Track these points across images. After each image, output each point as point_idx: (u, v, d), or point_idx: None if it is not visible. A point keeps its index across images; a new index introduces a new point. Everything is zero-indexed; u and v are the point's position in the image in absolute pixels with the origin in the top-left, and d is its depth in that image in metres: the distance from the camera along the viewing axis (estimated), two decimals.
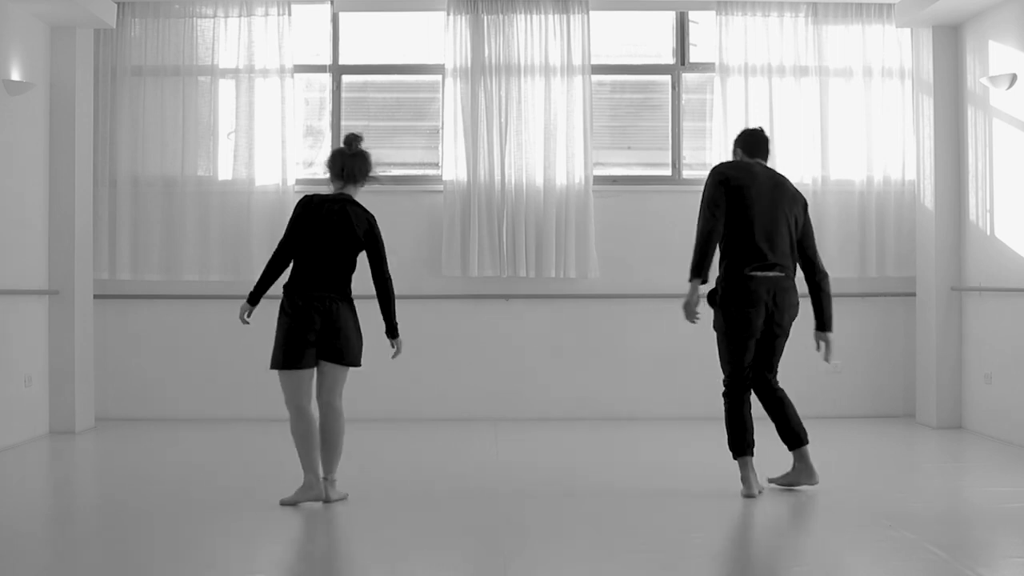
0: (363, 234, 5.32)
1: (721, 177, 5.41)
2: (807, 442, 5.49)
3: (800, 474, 5.48)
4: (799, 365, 8.16)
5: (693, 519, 4.98)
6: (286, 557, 4.53)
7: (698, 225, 5.38)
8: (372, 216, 5.39)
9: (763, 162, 5.62)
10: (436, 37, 8.29)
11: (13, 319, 7.12)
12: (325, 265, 5.27)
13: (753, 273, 5.34)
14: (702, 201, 5.41)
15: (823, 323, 5.62)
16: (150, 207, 8.07)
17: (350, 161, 5.37)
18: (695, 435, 7.47)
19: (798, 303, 5.52)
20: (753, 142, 5.65)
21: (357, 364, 5.31)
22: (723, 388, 5.47)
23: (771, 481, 5.53)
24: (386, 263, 5.39)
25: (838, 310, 8.21)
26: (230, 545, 4.61)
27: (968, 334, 7.70)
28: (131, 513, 5.06)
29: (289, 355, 5.17)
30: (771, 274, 5.39)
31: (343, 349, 5.23)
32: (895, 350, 8.27)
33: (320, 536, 4.85)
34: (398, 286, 8.13)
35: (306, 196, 5.41)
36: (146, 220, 8.08)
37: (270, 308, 5.30)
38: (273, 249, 5.44)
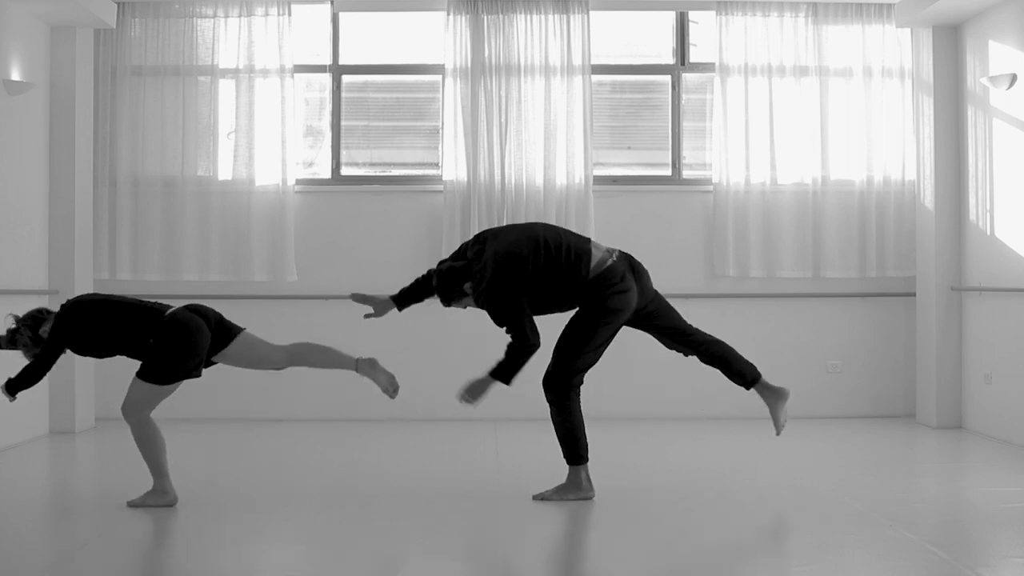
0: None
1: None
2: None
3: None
4: (799, 365, 8.20)
5: (693, 518, 4.98)
6: (285, 558, 4.53)
7: None
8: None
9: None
10: (436, 37, 8.29)
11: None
12: None
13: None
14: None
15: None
16: (150, 207, 8.07)
17: None
18: (694, 435, 7.47)
19: None
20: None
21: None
22: (695, 331, 5.44)
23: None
24: None
25: (839, 309, 8.28)
26: (229, 545, 4.61)
27: (968, 334, 7.70)
28: (131, 513, 5.06)
29: None
30: None
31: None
32: (895, 350, 8.27)
33: (319, 536, 4.85)
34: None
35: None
36: (146, 220, 8.08)
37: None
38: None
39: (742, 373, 5.41)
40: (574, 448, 5.33)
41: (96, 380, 7.88)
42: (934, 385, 7.80)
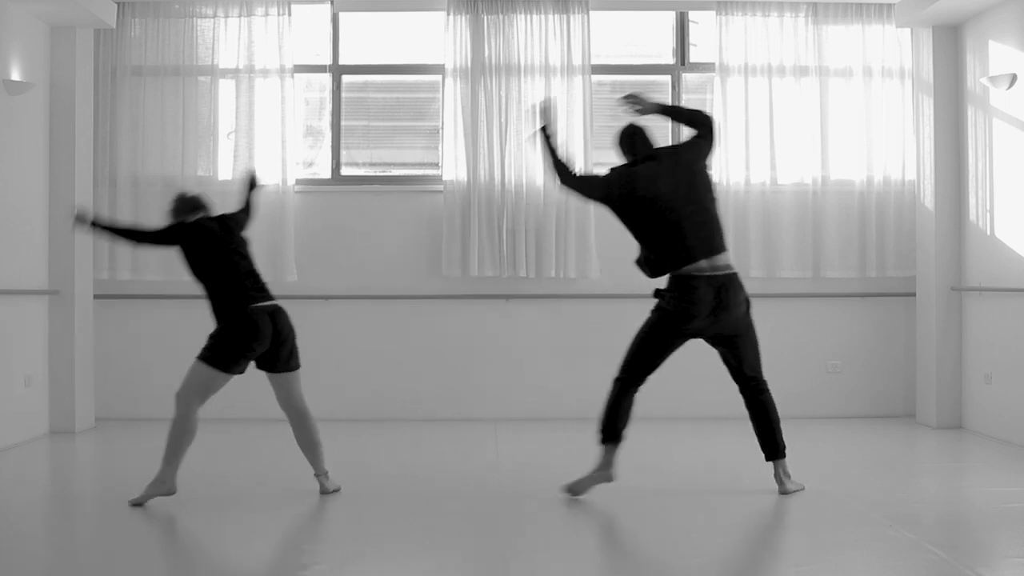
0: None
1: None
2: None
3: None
4: (799, 365, 8.20)
5: (692, 519, 4.99)
6: (286, 557, 4.53)
7: None
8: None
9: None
10: (436, 37, 8.29)
11: (13, 319, 7.12)
12: None
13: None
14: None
15: None
16: (150, 207, 8.05)
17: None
18: (694, 435, 7.47)
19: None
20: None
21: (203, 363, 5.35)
22: (762, 384, 5.51)
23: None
24: None
25: (839, 309, 8.28)
26: (230, 545, 4.61)
27: (968, 334, 7.70)
28: (131, 513, 5.06)
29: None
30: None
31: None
32: (895, 350, 8.27)
33: (320, 536, 4.86)
34: (398, 286, 8.20)
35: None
36: (146, 220, 8.05)
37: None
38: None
39: (771, 443, 5.44)
40: (609, 425, 5.39)
41: (96, 380, 7.89)
42: (934, 385, 7.80)
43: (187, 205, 5.48)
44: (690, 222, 5.25)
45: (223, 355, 5.23)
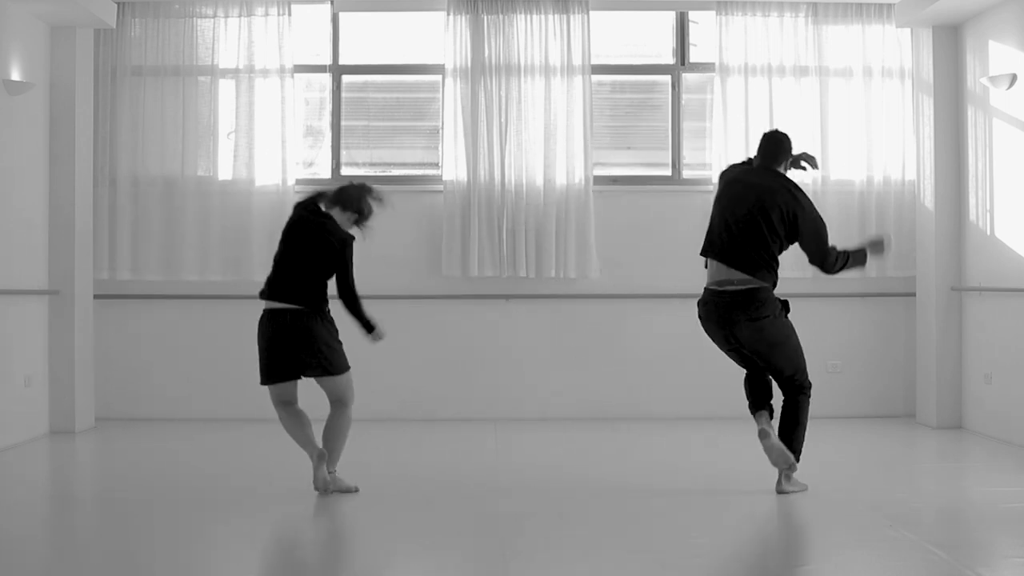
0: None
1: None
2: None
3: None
4: None
5: (693, 519, 4.98)
6: (286, 556, 4.53)
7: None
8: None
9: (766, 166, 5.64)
10: (436, 37, 8.29)
11: (13, 319, 7.12)
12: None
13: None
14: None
15: None
16: (150, 207, 8.07)
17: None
18: (695, 435, 7.47)
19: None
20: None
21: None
22: (803, 388, 5.48)
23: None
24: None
25: (839, 309, 8.27)
26: (230, 544, 4.61)
27: (968, 334, 7.70)
28: (131, 513, 5.06)
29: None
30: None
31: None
32: (895, 350, 8.27)
33: (320, 535, 4.85)
34: (398, 286, 8.19)
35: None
36: (146, 220, 8.07)
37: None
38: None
39: (786, 443, 5.42)
40: (748, 400, 5.57)
41: (96, 380, 7.89)
42: (934, 385, 7.80)
43: (336, 196, 5.72)
44: (724, 226, 5.50)
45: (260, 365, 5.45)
